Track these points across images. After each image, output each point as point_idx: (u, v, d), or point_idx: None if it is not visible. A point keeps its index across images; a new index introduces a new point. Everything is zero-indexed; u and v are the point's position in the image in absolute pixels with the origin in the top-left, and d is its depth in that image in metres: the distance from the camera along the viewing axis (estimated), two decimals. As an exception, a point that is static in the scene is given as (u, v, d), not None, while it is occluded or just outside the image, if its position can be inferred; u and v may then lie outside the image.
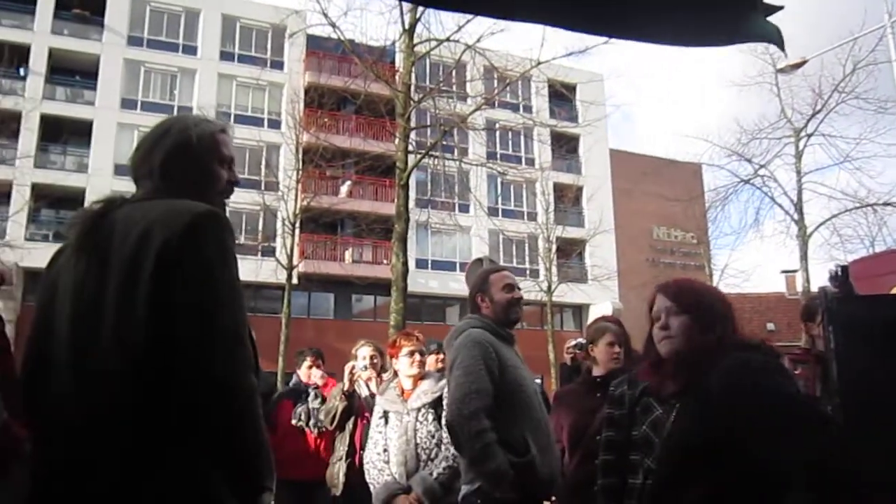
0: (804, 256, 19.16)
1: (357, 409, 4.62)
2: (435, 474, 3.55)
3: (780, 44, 1.78)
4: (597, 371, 3.90)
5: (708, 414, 2.01)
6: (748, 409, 1.96)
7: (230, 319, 1.58)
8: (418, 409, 3.76)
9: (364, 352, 4.77)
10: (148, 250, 1.56)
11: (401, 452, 3.64)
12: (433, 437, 3.67)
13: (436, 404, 3.73)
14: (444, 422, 3.32)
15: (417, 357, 3.88)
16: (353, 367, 4.61)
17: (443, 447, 3.61)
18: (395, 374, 3.97)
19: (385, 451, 3.74)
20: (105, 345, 1.54)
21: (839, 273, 3.43)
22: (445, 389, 3.41)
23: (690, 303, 2.24)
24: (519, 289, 3.35)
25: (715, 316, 2.22)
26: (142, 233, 1.59)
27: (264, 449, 1.63)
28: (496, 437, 2.87)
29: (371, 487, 3.69)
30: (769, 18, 1.81)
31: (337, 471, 4.57)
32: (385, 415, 3.85)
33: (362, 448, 4.29)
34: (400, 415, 3.78)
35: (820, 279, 15.87)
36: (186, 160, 1.79)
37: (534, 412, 3.08)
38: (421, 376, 3.90)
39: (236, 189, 1.91)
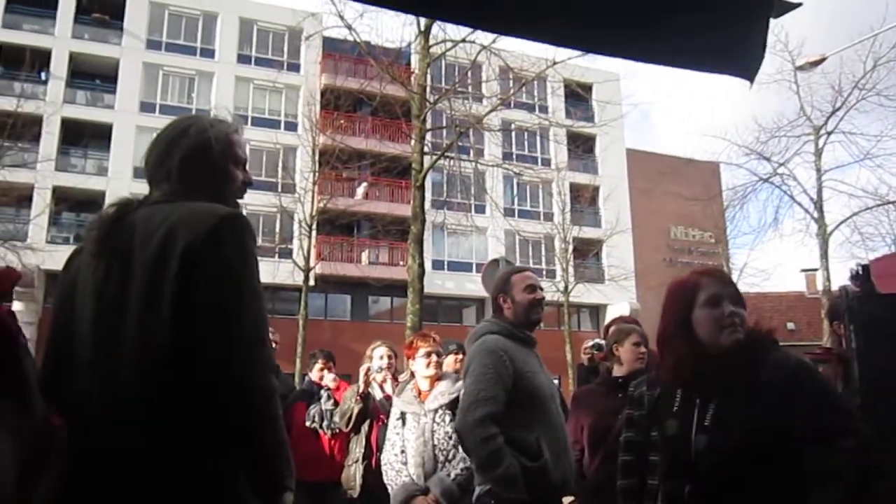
0: (824, 255, 18.94)
1: (372, 412, 4.62)
2: (452, 475, 3.56)
3: (750, 77, 1.77)
4: (619, 371, 3.88)
5: (762, 410, 1.94)
6: (804, 405, 1.93)
7: (252, 321, 1.58)
8: (435, 411, 3.77)
9: (380, 352, 4.77)
10: (172, 252, 1.57)
11: (418, 454, 3.64)
12: (450, 438, 3.66)
13: (453, 405, 3.71)
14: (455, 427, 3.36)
15: (434, 358, 3.89)
16: (369, 369, 4.62)
17: (460, 448, 3.60)
18: (412, 375, 3.97)
19: (403, 452, 3.74)
20: (128, 345, 1.55)
21: (860, 272, 3.40)
22: (462, 391, 3.41)
23: (740, 294, 2.15)
24: (541, 289, 3.33)
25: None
26: (165, 235, 1.59)
27: (284, 449, 1.64)
28: (503, 442, 2.89)
29: (389, 489, 3.70)
30: (785, 16, 1.80)
31: (354, 472, 4.58)
32: (402, 416, 3.85)
33: (378, 450, 4.31)
34: (417, 416, 3.78)
35: (841, 278, 15.69)
36: (204, 162, 1.79)
37: (550, 417, 3.08)
38: (438, 377, 3.91)
39: (253, 191, 1.93)
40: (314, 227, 21.50)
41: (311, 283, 21.23)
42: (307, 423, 5.30)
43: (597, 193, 33.02)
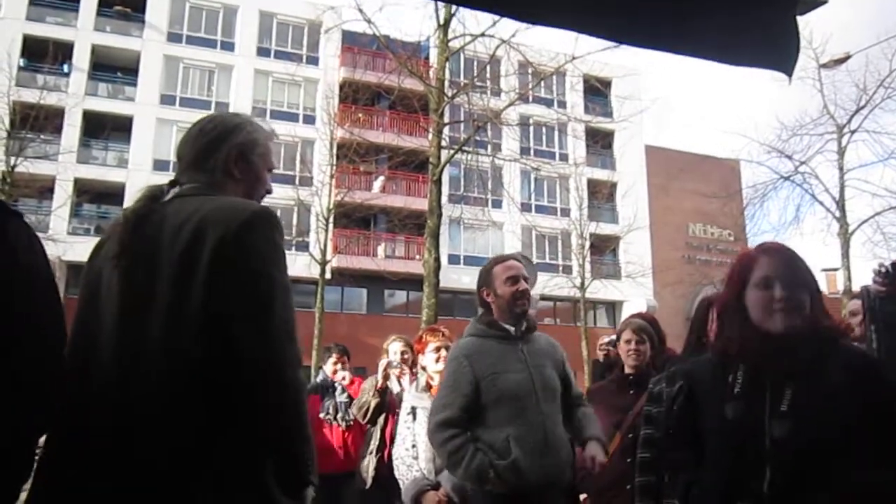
0: (846, 254, 18.70)
1: (388, 405, 4.64)
2: None
3: (788, 71, 1.73)
4: (628, 368, 3.87)
5: (837, 404, 1.81)
6: (875, 398, 1.82)
7: (283, 316, 1.59)
8: None
9: (395, 347, 4.79)
10: (202, 247, 1.57)
11: (429, 448, 3.58)
12: None
13: None
14: None
15: (443, 353, 3.84)
16: (389, 363, 4.63)
17: None
18: (423, 369, 3.97)
19: (414, 446, 3.71)
20: (157, 340, 1.54)
21: (890, 270, 3.33)
22: None
23: (811, 279, 1.98)
24: (525, 279, 3.23)
25: (821, 297, 1.98)
26: (195, 228, 1.60)
27: (310, 444, 1.66)
28: (463, 442, 2.97)
29: (400, 483, 3.69)
30: (811, 13, 1.77)
31: (367, 464, 4.61)
32: (413, 411, 3.84)
33: (392, 443, 4.33)
34: (427, 411, 3.74)
35: (862, 278, 15.50)
36: (249, 161, 1.84)
37: (526, 415, 3.00)
38: None
39: (272, 183, 1.95)
40: (331, 220, 21.59)
41: (328, 276, 21.32)
42: (321, 416, 5.35)
43: (614, 189, 32.82)
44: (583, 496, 3.90)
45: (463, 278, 28.50)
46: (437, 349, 3.86)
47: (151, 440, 1.51)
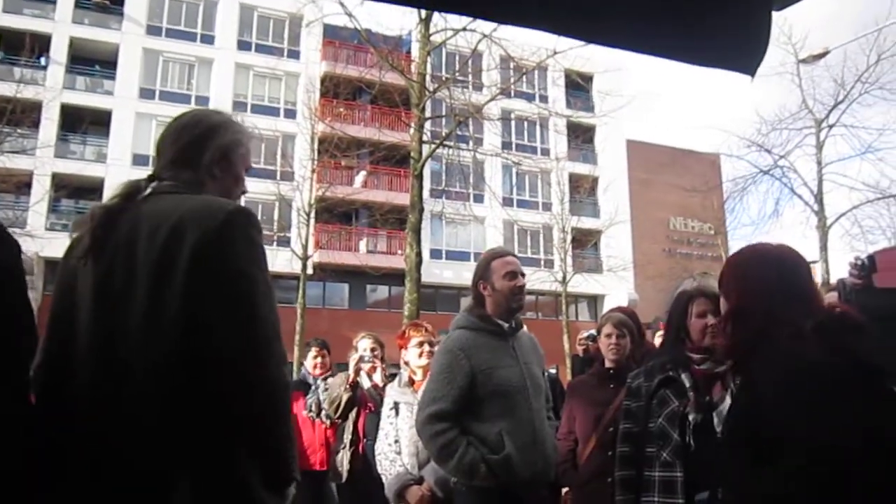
0: (824, 247, 18.95)
1: (359, 400, 4.65)
2: None
3: (751, 71, 1.74)
4: (608, 362, 3.89)
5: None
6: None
7: (267, 315, 1.59)
8: None
9: (364, 343, 4.82)
10: (181, 246, 1.56)
11: (412, 443, 3.60)
12: None
13: None
14: None
15: (426, 348, 3.85)
16: (360, 359, 4.65)
17: None
18: (406, 364, 3.97)
19: (396, 441, 3.71)
20: (137, 340, 1.53)
21: (866, 263, 3.38)
22: None
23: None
24: (523, 275, 3.24)
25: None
26: (173, 227, 1.59)
27: (293, 441, 1.67)
28: (455, 436, 2.97)
29: (383, 478, 3.69)
30: (789, 9, 1.78)
31: (341, 458, 4.62)
32: (396, 406, 3.83)
33: (365, 436, 4.37)
34: (410, 406, 3.73)
35: (840, 270, 15.68)
36: (231, 161, 1.84)
37: (517, 411, 3.03)
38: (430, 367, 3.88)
39: (252, 179, 1.97)
40: (312, 215, 21.48)
41: (309, 271, 21.22)
42: (304, 413, 5.34)
43: (596, 184, 32.95)
44: (564, 490, 3.94)
45: (445, 273, 28.55)
46: (420, 344, 3.85)
47: (133, 441, 1.50)
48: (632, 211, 32.64)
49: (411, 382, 3.87)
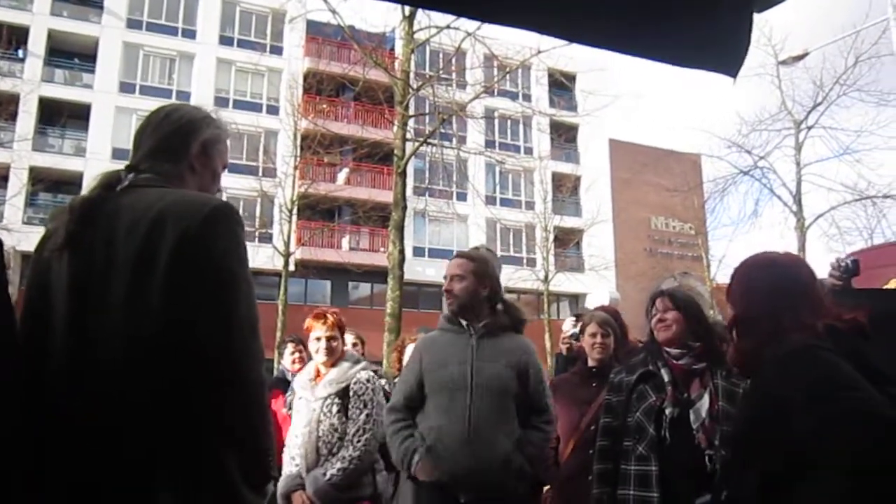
0: (802, 248, 19.14)
1: None
2: (328, 475, 3.31)
3: (733, 73, 1.75)
4: (592, 361, 3.91)
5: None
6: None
7: (246, 313, 1.59)
8: (324, 399, 3.47)
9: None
10: (162, 240, 1.54)
11: (303, 444, 3.44)
12: (336, 430, 3.41)
13: (343, 395, 3.46)
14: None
15: (323, 344, 3.55)
16: None
17: (345, 443, 3.39)
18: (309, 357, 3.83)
19: (297, 436, 3.53)
20: (116, 336, 1.51)
21: (849, 266, 3.42)
22: (356, 378, 3.49)
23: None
24: (446, 278, 3.32)
25: None
26: (154, 222, 1.56)
27: (272, 439, 1.66)
28: (400, 428, 3.18)
29: (282, 473, 3.52)
30: (771, 10, 1.79)
31: None
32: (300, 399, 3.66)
33: None
34: (308, 402, 3.54)
35: (818, 271, 15.84)
36: (210, 157, 1.83)
37: (454, 408, 3.06)
38: (333, 362, 3.58)
39: (234, 175, 1.95)
40: (294, 211, 21.40)
41: (291, 268, 21.14)
42: (284, 411, 5.30)
43: (578, 183, 33.10)
44: (546, 487, 3.94)
45: (427, 270, 28.52)
46: (318, 339, 3.59)
47: (112, 439, 1.48)
48: (614, 210, 32.85)
49: (316, 376, 3.64)
